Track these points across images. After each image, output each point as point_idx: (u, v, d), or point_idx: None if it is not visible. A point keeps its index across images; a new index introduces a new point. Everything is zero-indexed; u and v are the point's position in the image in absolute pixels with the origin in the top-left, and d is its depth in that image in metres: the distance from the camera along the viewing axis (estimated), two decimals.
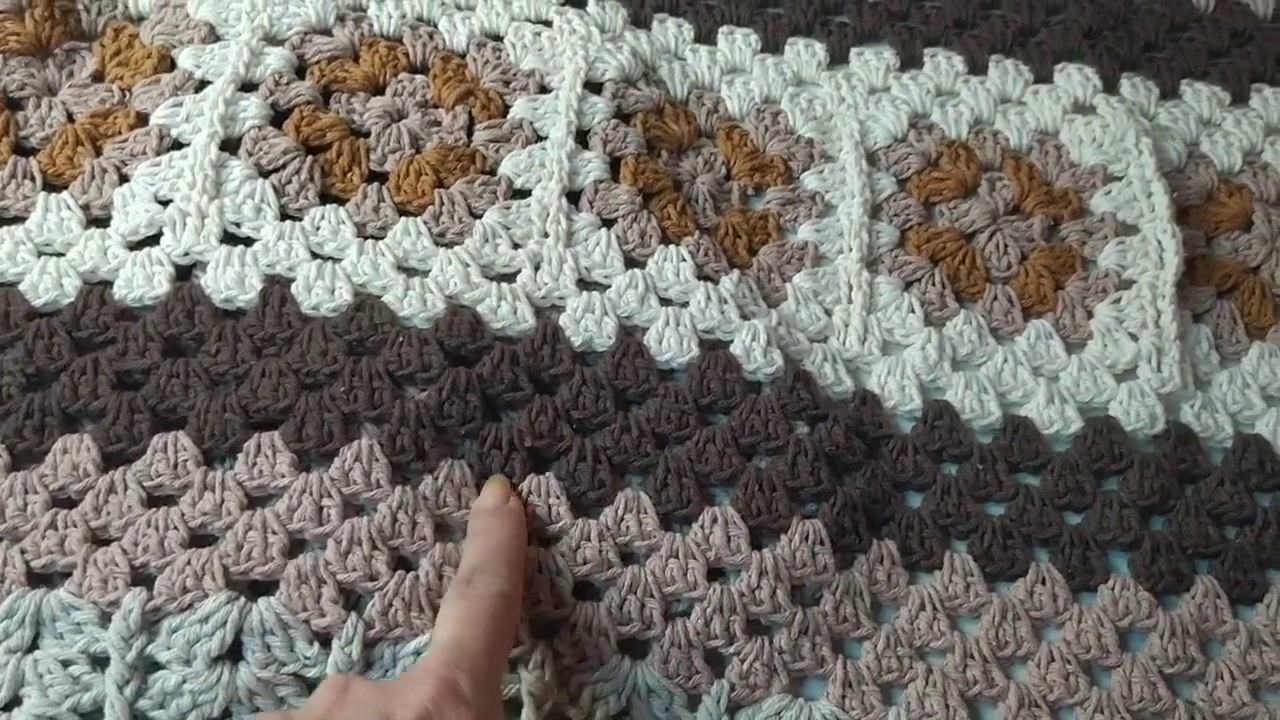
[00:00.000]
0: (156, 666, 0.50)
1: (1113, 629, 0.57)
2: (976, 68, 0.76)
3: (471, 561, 0.50)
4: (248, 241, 0.60)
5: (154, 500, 0.53)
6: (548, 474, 0.56)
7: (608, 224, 0.64)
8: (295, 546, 0.53)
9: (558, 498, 0.55)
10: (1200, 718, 0.56)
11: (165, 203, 0.60)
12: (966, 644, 0.57)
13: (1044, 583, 0.59)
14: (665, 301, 0.62)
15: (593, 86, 0.69)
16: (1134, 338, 0.66)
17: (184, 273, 0.59)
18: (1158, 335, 0.65)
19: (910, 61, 0.76)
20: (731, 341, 0.62)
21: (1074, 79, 0.76)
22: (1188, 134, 0.75)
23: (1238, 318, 0.68)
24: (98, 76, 0.66)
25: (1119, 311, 0.66)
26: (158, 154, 0.61)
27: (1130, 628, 0.58)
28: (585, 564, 0.54)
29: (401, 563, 0.53)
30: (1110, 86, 0.76)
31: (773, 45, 0.76)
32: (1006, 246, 0.69)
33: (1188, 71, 0.78)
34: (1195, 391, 0.65)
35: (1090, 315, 0.67)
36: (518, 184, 0.65)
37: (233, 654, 0.50)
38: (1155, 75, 0.77)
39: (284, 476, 0.53)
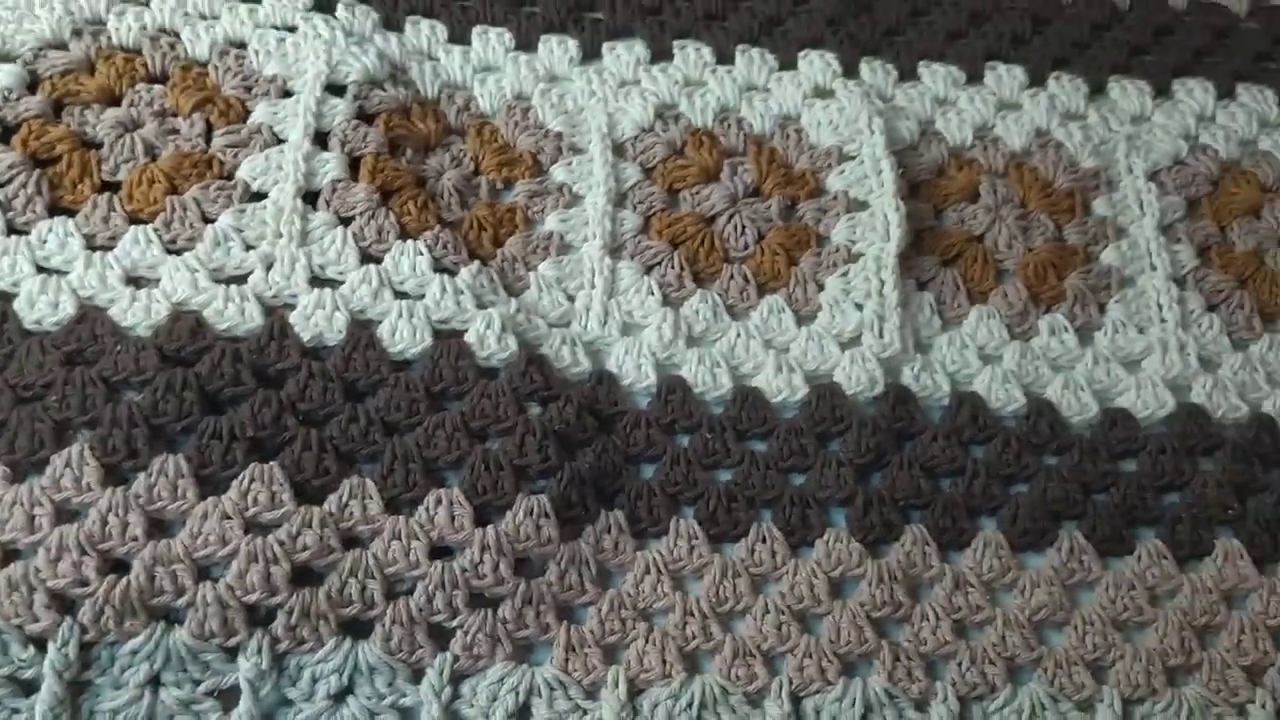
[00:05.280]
0: None
1: (825, 579, 0.61)
2: (724, 58, 0.80)
3: None
4: None
5: None
6: (271, 463, 0.57)
7: (345, 222, 0.66)
8: (10, 555, 0.54)
9: (280, 485, 0.57)
10: (904, 656, 0.59)
11: None
12: (687, 603, 0.59)
13: (764, 541, 0.62)
14: (401, 295, 0.64)
15: (337, 89, 0.71)
16: (859, 307, 0.69)
17: None
18: (880, 304, 0.69)
19: (661, 54, 0.79)
20: (466, 330, 0.64)
21: (815, 65, 0.79)
22: (922, 113, 0.79)
23: (960, 284, 0.72)
24: None
25: (846, 283, 0.70)
26: None
27: (842, 577, 0.61)
28: (305, 550, 0.56)
29: (116, 565, 0.54)
30: (850, 71, 0.80)
31: (526, 43, 0.78)
32: (744, 227, 0.72)
33: (926, 53, 0.82)
34: (916, 355, 0.69)
35: (821, 288, 0.70)
36: (255, 187, 0.66)
37: None
38: (895, 59, 0.81)
39: None
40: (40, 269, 0.61)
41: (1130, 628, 0.62)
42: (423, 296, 0.64)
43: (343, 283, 0.64)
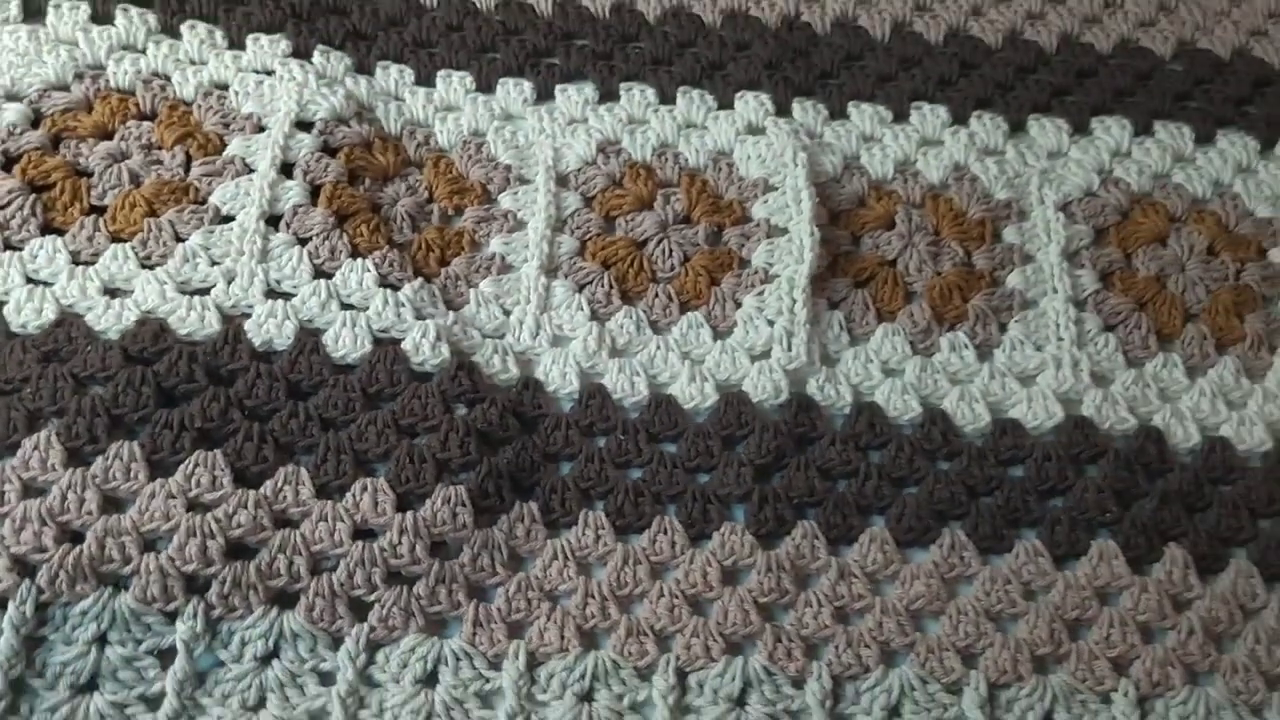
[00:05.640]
0: None
1: (718, 568, 0.66)
2: (666, 98, 0.87)
3: None
4: None
5: None
6: (215, 451, 0.64)
7: (303, 242, 0.74)
8: None
9: (222, 470, 0.64)
10: (785, 638, 0.64)
11: None
12: (589, 586, 0.65)
13: (666, 532, 0.67)
14: (348, 307, 0.72)
15: (307, 126, 0.79)
16: (771, 323, 0.75)
17: None
18: (790, 320, 0.75)
19: (609, 95, 0.87)
20: (404, 339, 0.71)
21: (750, 104, 0.86)
22: (848, 149, 0.85)
23: (870, 304, 0.78)
24: None
25: (761, 302, 0.76)
26: None
27: (735, 566, 0.67)
28: (238, 528, 0.63)
29: (72, 535, 0.62)
30: (782, 110, 0.87)
31: (486, 85, 0.86)
32: (672, 251, 0.78)
33: (856, 94, 0.89)
34: (821, 367, 0.74)
35: (738, 306, 0.77)
36: (225, 210, 0.74)
37: None
38: (826, 99, 0.88)
39: None
40: (29, 280, 0.69)
41: (1003, 619, 0.67)
42: (366, 308, 0.72)
43: (295, 295, 0.71)
